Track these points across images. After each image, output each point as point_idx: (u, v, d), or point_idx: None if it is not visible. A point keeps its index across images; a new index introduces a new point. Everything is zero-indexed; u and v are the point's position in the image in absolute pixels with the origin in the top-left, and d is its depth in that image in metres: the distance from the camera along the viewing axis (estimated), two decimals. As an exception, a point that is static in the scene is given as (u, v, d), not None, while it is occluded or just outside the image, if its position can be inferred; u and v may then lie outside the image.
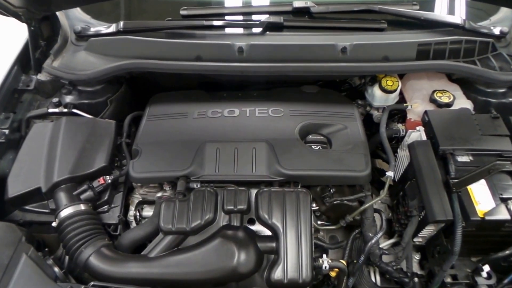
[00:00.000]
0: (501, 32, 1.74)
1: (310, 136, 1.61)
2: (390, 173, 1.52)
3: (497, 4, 1.80)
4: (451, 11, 1.88)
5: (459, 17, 1.73)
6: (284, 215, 1.34)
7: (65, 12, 1.81)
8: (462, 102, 1.68)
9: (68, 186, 1.43)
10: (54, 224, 1.37)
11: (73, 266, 1.36)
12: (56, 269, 1.26)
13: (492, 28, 1.76)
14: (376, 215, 1.53)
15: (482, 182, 1.39)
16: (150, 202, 1.59)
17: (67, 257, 1.39)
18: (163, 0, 1.97)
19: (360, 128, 1.62)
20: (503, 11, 1.81)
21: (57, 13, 1.77)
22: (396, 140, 1.77)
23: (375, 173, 1.63)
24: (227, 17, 1.78)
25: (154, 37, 1.67)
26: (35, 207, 1.47)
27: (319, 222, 1.60)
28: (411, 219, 1.43)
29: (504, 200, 1.34)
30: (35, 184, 1.42)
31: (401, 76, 1.78)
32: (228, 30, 1.77)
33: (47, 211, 1.45)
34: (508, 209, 1.32)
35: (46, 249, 1.39)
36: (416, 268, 1.55)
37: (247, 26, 1.76)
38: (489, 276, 1.41)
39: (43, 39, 1.75)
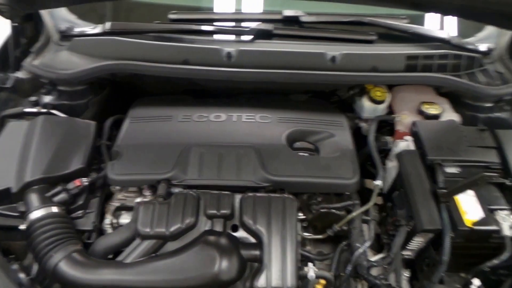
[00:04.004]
0: (488, 48, 1.77)
1: (298, 143, 1.58)
2: (378, 182, 1.50)
3: (482, 22, 1.83)
4: (440, 27, 1.89)
5: (446, 32, 1.76)
6: (269, 221, 1.29)
7: (50, 11, 1.77)
8: (450, 115, 1.69)
9: (41, 187, 1.33)
10: (22, 226, 1.27)
11: (42, 273, 1.25)
12: (22, 275, 1.17)
13: (477, 44, 1.78)
14: (364, 226, 1.48)
15: (471, 193, 1.38)
16: (128, 209, 1.50)
17: (35, 266, 1.28)
18: (152, 3, 1.94)
19: (348, 136, 1.60)
20: (488, 29, 1.84)
21: (42, 11, 1.72)
22: (385, 154, 1.74)
23: (365, 192, 1.60)
24: (216, 23, 1.76)
25: (141, 39, 1.63)
26: (2, 209, 1.35)
27: (305, 234, 1.53)
28: (399, 229, 1.40)
29: (492, 211, 1.33)
30: (5, 184, 1.32)
31: (390, 90, 1.78)
32: (217, 36, 1.74)
33: (15, 214, 1.34)
34: (496, 220, 1.31)
35: (12, 256, 1.29)
36: (405, 287, 1.49)
37: (237, 32, 1.73)
38: None
39: (25, 37, 1.69)
